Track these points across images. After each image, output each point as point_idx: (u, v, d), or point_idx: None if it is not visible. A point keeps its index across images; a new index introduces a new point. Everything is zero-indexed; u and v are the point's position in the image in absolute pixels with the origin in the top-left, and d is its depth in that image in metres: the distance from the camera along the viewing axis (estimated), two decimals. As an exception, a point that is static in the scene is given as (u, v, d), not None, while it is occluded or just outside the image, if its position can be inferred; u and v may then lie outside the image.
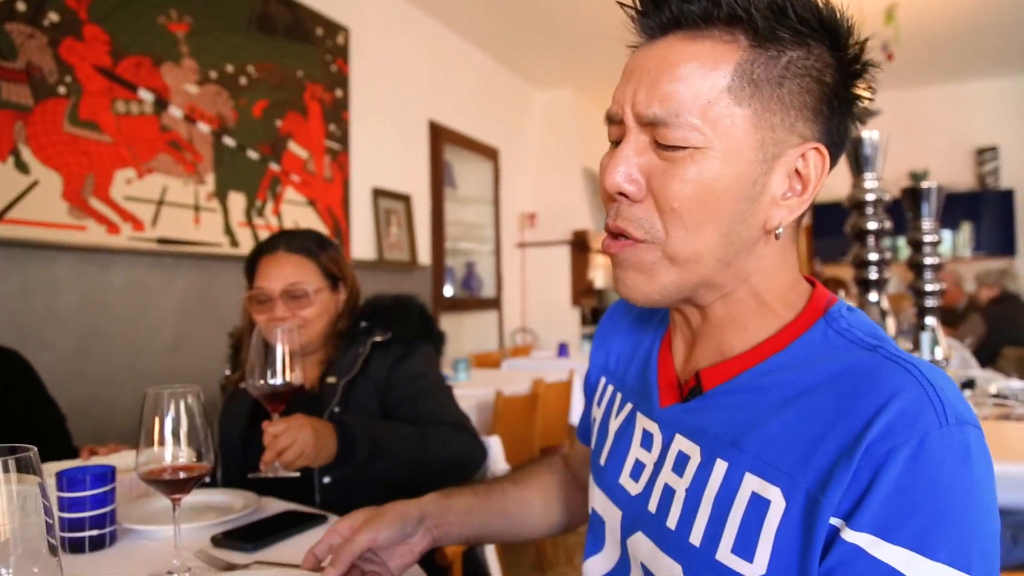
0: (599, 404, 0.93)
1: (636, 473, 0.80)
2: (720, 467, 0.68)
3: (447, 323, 5.01)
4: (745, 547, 0.64)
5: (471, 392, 3.12)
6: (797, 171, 0.68)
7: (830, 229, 6.58)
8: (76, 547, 1.10)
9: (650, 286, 0.70)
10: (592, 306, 6.72)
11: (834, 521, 0.59)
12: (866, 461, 0.58)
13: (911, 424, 0.58)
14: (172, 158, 3.00)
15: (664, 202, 0.67)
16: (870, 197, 2.53)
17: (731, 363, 0.72)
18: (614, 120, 0.71)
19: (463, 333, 5.28)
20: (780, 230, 0.69)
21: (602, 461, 0.87)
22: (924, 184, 2.54)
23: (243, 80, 3.36)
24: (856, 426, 0.60)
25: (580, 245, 6.20)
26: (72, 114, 2.62)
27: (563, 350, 4.86)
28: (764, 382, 0.69)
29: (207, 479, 1.58)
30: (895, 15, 4.30)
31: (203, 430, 1.01)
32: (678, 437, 0.74)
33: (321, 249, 1.63)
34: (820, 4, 0.67)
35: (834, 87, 0.68)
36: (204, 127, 3.15)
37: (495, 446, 1.78)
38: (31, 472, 0.57)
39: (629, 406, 0.85)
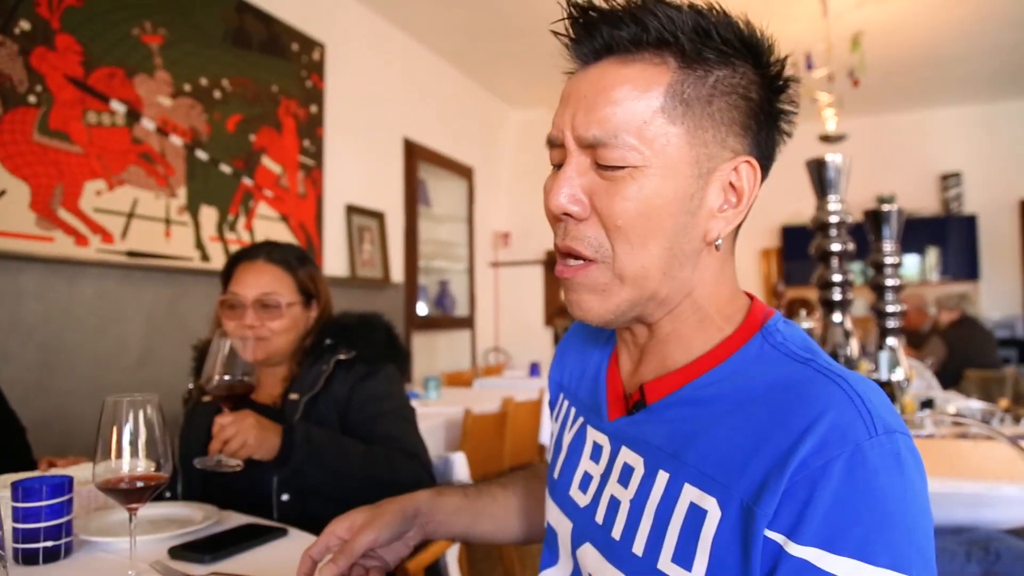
0: (556, 419, 0.96)
1: (584, 485, 0.82)
2: (662, 478, 0.70)
3: (420, 341, 5.00)
4: (684, 556, 0.66)
5: (440, 410, 3.12)
6: (731, 184, 0.71)
7: (799, 253, 6.68)
8: (30, 559, 1.09)
9: (604, 306, 0.73)
10: (565, 326, 6.74)
11: (773, 536, 0.61)
12: (803, 475, 0.60)
13: (842, 437, 0.60)
14: (144, 170, 2.99)
15: (609, 220, 0.69)
16: (833, 219, 2.59)
17: (673, 376, 0.74)
18: (555, 144, 0.74)
19: (436, 352, 5.28)
20: (720, 241, 0.72)
21: (556, 474, 0.90)
22: (885, 207, 2.60)
23: (217, 94, 3.37)
24: (788, 439, 0.62)
25: (553, 265, 6.21)
26: (42, 124, 2.61)
27: (535, 370, 4.88)
28: (704, 395, 0.71)
29: (167, 493, 1.58)
30: (860, 42, 4.42)
31: (162, 440, 1.01)
32: (624, 449, 0.76)
33: (300, 264, 1.64)
34: (741, 25, 0.70)
35: (759, 103, 0.71)
36: (177, 140, 3.15)
37: (459, 462, 1.78)
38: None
39: (580, 420, 0.87)
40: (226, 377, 1.37)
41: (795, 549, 0.60)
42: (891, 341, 2.63)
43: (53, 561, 1.10)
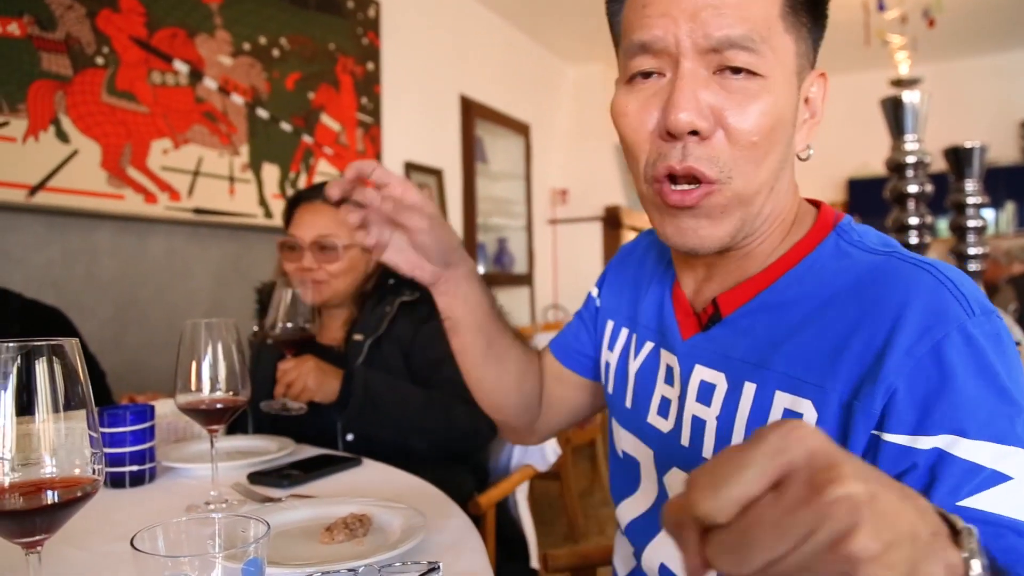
0: (611, 348, 0.93)
1: (663, 410, 0.80)
2: (749, 390, 0.68)
3: (479, 299, 5.01)
4: None
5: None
6: (807, 98, 0.72)
7: (866, 207, 6.46)
8: (117, 482, 1.13)
9: (718, 232, 0.68)
10: (624, 284, 6.67)
11: (897, 439, 0.58)
12: (912, 366, 0.58)
13: (942, 319, 0.58)
14: (207, 129, 3.03)
15: (743, 136, 0.65)
16: (911, 160, 2.47)
17: (747, 284, 0.72)
18: (653, 50, 0.66)
19: (495, 309, 5.28)
20: (811, 150, 0.73)
21: (627, 403, 0.87)
22: (967, 143, 2.48)
23: (276, 52, 3.38)
24: (883, 329, 0.60)
25: (612, 221, 6.16)
26: (110, 84, 2.66)
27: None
28: (783, 298, 0.69)
29: (238, 432, 1.61)
30: (937, -21, 4.19)
31: (240, 363, 1.02)
32: (698, 367, 0.74)
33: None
34: None
35: (818, 14, 0.71)
36: (238, 99, 3.18)
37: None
38: (68, 359, 0.58)
39: (650, 344, 0.84)
40: (288, 325, 1.39)
41: (923, 442, 0.57)
42: (972, 284, 2.52)
43: (138, 485, 1.14)
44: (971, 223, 2.52)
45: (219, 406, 1.00)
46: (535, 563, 1.69)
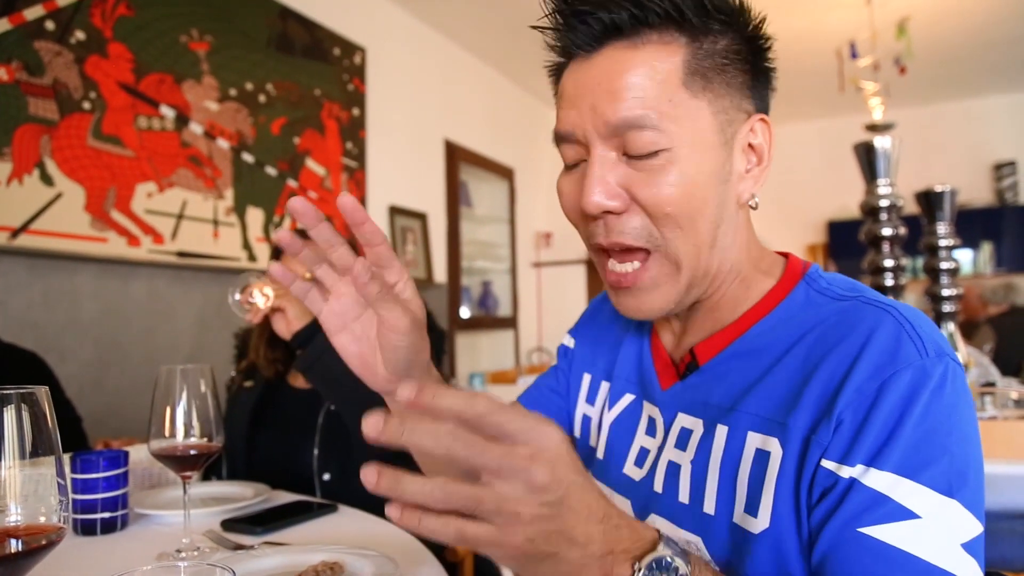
0: (589, 402, 0.93)
1: (640, 460, 0.80)
2: (721, 432, 0.70)
3: (463, 341, 5.01)
4: (753, 504, 0.65)
5: (486, 403, 3.11)
6: (750, 144, 0.73)
7: (846, 249, 6.54)
8: (88, 529, 1.12)
9: (665, 299, 0.72)
10: (609, 325, 6.69)
11: (827, 464, 0.61)
12: (853, 399, 0.61)
13: (893, 359, 0.61)
14: (192, 173, 3.06)
15: (656, 209, 0.68)
16: (884, 203, 2.52)
17: (722, 334, 0.75)
18: (568, 140, 0.72)
19: (479, 351, 5.28)
20: (755, 200, 0.74)
21: (600, 455, 0.87)
22: (938, 187, 2.53)
23: (262, 98, 3.43)
24: (841, 366, 0.63)
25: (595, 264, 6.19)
26: (96, 129, 2.68)
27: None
28: (756, 344, 0.71)
29: (212, 476, 1.60)
30: (907, 28, 4.31)
31: (214, 409, 1.03)
32: (680, 415, 0.76)
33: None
34: None
35: (755, 62, 0.73)
36: (224, 143, 3.21)
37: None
38: (38, 406, 0.59)
39: (630, 396, 0.85)
40: None
41: (845, 471, 0.60)
42: (948, 326, 2.55)
43: (110, 532, 1.13)
44: (944, 265, 2.56)
45: (192, 452, 1.00)
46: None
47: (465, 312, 5.14)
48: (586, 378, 0.94)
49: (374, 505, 1.18)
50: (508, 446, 0.47)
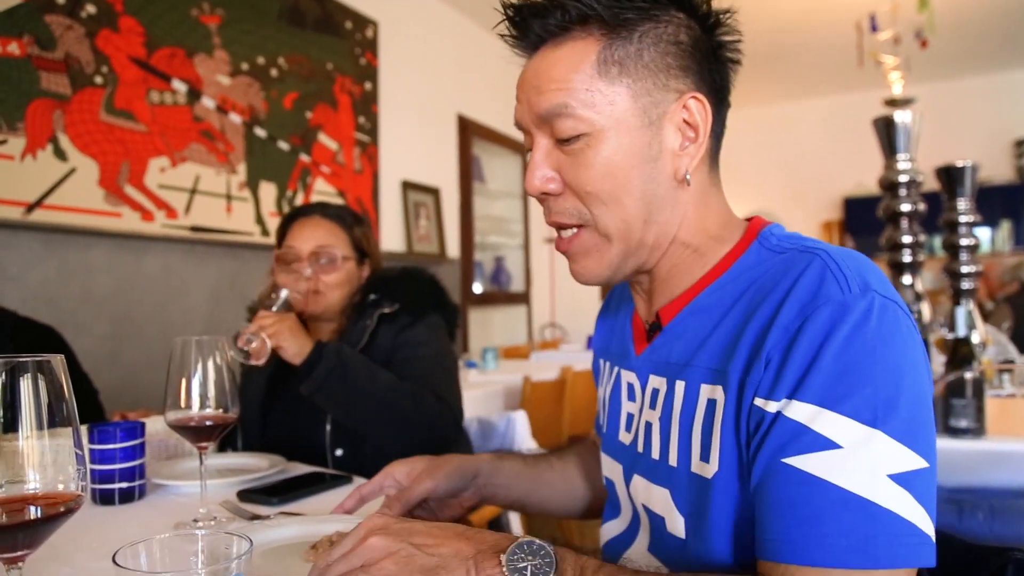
0: (602, 383, 0.99)
1: (628, 425, 0.86)
2: (679, 387, 0.75)
3: (476, 317, 5.02)
4: (706, 451, 0.70)
5: (499, 378, 3.12)
6: (685, 121, 0.75)
7: (862, 226, 6.48)
8: (106, 499, 1.12)
9: (600, 265, 0.78)
10: (622, 302, 6.68)
11: (757, 401, 0.65)
12: (780, 337, 0.64)
13: (815, 296, 0.64)
14: (205, 148, 3.05)
15: (579, 189, 0.75)
16: (903, 178, 2.48)
17: (682, 296, 0.80)
18: (520, 129, 0.81)
19: (492, 327, 5.29)
20: (688, 176, 0.76)
21: (604, 428, 0.94)
22: (959, 162, 2.49)
23: (274, 72, 3.41)
24: (769, 310, 0.67)
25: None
26: (108, 103, 2.68)
27: (592, 342, 4.85)
28: (708, 302, 0.76)
29: (228, 448, 1.61)
30: (929, 2, 4.23)
31: (229, 381, 1.02)
32: (651, 377, 0.81)
33: (355, 222, 1.65)
34: None
35: (692, 42, 0.76)
36: (236, 118, 3.20)
37: (521, 420, 1.78)
38: (54, 375, 0.59)
39: (616, 370, 0.91)
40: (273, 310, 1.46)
41: (771, 406, 0.63)
42: (965, 302, 2.52)
43: (128, 502, 1.14)
44: (963, 241, 2.53)
45: (208, 423, 1.00)
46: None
47: (478, 287, 5.14)
48: (603, 364, 1.00)
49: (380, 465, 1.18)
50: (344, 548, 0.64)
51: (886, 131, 2.48)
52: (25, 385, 0.58)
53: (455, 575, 0.62)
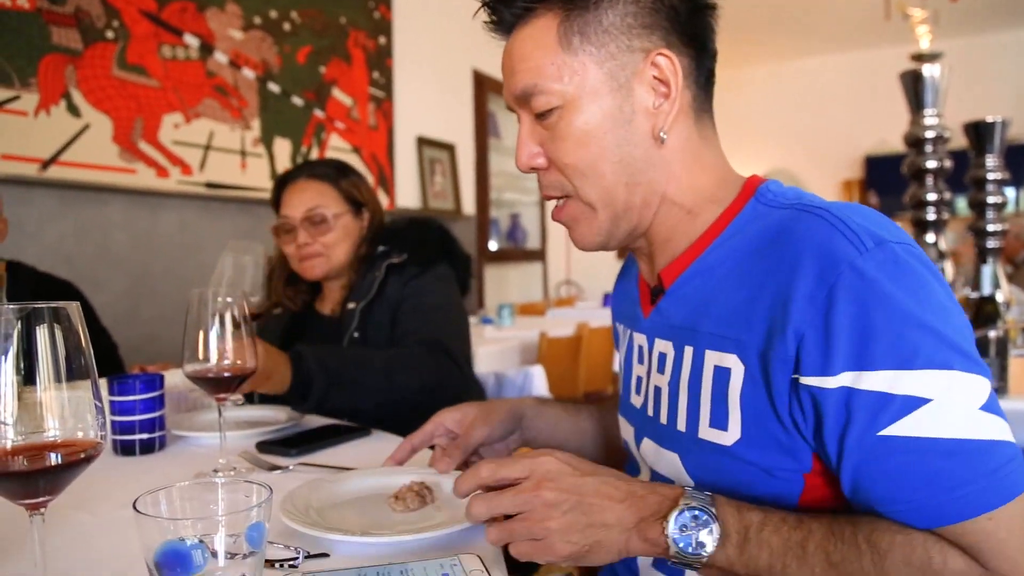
0: (619, 347, 1.00)
1: (638, 388, 0.86)
2: (687, 353, 0.74)
3: (492, 274, 5.01)
4: (718, 418, 0.70)
5: (515, 334, 3.12)
6: (656, 78, 0.75)
7: (883, 184, 6.38)
8: (127, 449, 1.13)
9: (591, 232, 0.79)
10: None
11: (808, 381, 0.62)
12: (808, 310, 0.62)
13: (833, 261, 0.62)
14: (218, 103, 3.03)
15: (559, 162, 0.77)
16: (929, 135, 2.42)
17: (681, 258, 0.79)
18: (508, 106, 0.83)
19: (508, 284, 5.28)
20: (664, 133, 0.75)
21: (620, 391, 0.95)
22: (989, 118, 2.42)
23: (287, 26, 3.36)
24: (784, 277, 0.65)
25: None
26: (120, 58, 2.65)
27: (608, 300, 4.83)
28: (709, 263, 0.75)
29: (242, 399, 1.62)
30: (960, -51, 4.09)
31: (247, 332, 1.02)
32: (657, 340, 0.81)
33: (341, 175, 1.62)
34: None
35: (652, 1, 0.75)
36: (249, 73, 3.17)
37: (538, 375, 1.77)
38: (71, 323, 0.58)
39: (628, 332, 0.92)
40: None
41: (830, 381, 0.61)
42: (991, 262, 2.47)
43: (148, 453, 1.15)
44: (991, 199, 2.47)
45: (226, 375, 1.00)
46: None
47: (494, 244, 5.12)
48: (618, 327, 1.00)
49: (402, 431, 1.18)
50: (517, 487, 0.66)
51: (913, 85, 2.42)
52: (42, 333, 0.58)
53: (612, 546, 0.65)
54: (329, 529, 0.76)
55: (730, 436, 0.68)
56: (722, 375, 0.69)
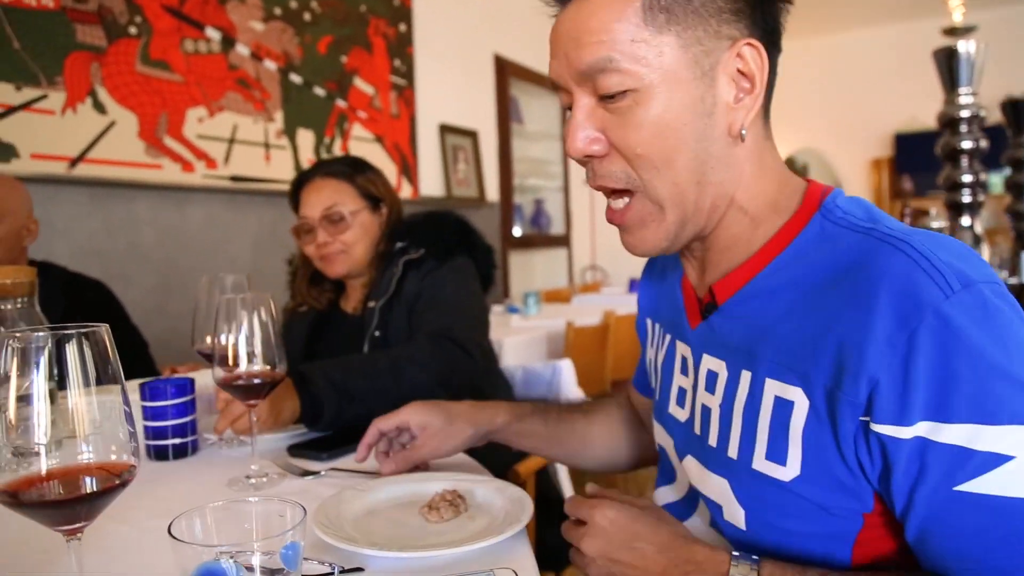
0: (652, 345, 0.96)
1: (681, 400, 0.83)
2: (745, 378, 0.70)
3: (516, 260, 5.00)
4: (777, 451, 0.66)
5: (541, 323, 3.11)
6: (740, 71, 0.69)
7: (913, 162, 6.26)
8: (160, 454, 1.14)
9: (656, 236, 0.72)
10: (663, 244, 6.60)
11: (881, 429, 0.58)
12: (886, 355, 0.57)
13: (917, 304, 0.57)
14: (241, 96, 3.03)
15: (628, 151, 0.69)
16: (965, 114, 2.36)
17: (738, 272, 0.73)
18: (559, 88, 0.73)
19: (533, 270, 5.27)
20: (744, 131, 0.69)
21: (657, 396, 0.91)
22: (1027, 95, 2.36)
23: (307, 16, 3.35)
24: (860, 315, 0.59)
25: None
26: (144, 54, 2.66)
27: (634, 285, 4.80)
28: (770, 284, 0.70)
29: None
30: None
31: (276, 338, 1.02)
32: (705, 356, 0.76)
33: (356, 171, 1.61)
34: None
35: None
36: (271, 64, 3.17)
37: (567, 369, 1.76)
38: (105, 351, 0.57)
39: (668, 337, 0.88)
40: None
41: (905, 432, 0.57)
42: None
43: (181, 457, 1.15)
44: (1029, 179, 2.41)
45: (257, 381, 1.00)
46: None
47: (518, 231, 5.11)
48: (648, 323, 0.97)
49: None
50: (576, 527, 0.75)
51: (947, 63, 2.35)
52: (72, 352, 0.57)
53: None
54: (364, 544, 0.75)
55: (788, 471, 0.65)
56: (783, 407, 0.65)
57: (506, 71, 4.84)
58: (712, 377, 0.74)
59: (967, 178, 2.46)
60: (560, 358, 2.89)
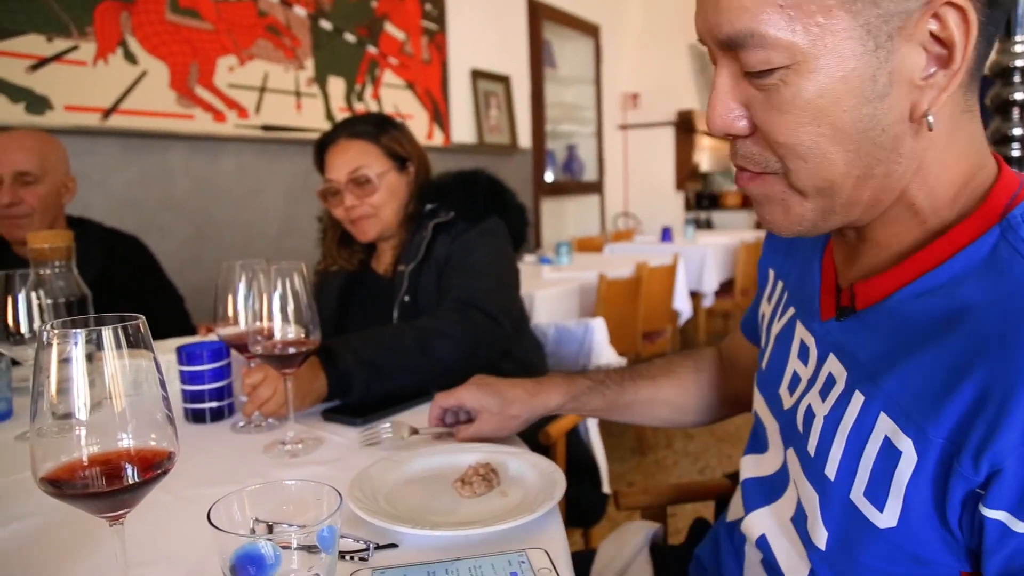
0: (769, 300, 0.87)
1: (793, 386, 0.75)
2: (857, 399, 0.62)
3: (548, 207, 4.96)
4: (876, 494, 0.59)
5: (574, 275, 3.10)
6: (935, 36, 0.53)
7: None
8: (198, 417, 1.16)
9: (788, 218, 0.62)
10: (697, 190, 6.49)
11: (993, 514, 0.51)
12: (1017, 446, 0.49)
13: None
14: (271, 44, 3.00)
15: (770, 137, 0.58)
16: (1019, 63, 2.25)
17: (886, 276, 0.63)
18: (703, 43, 0.62)
19: (565, 217, 5.23)
20: (931, 117, 0.55)
21: (763, 364, 0.83)
22: (1088, 41, 2.24)
23: (336, -41, 3.28)
24: (1001, 382, 0.50)
25: (685, 126, 5.93)
26: (172, 2, 2.63)
27: (667, 234, 4.75)
28: (915, 306, 0.59)
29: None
30: None
31: (309, 306, 1.02)
32: (831, 357, 0.67)
33: (381, 130, 1.58)
34: None
35: None
36: (300, 10, 3.12)
37: (599, 328, 1.75)
38: (140, 343, 0.58)
39: (791, 311, 0.78)
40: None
41: (1020, 527, 0.50)
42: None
43: (218, 420, 1.17)
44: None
45: (291, 350, 1.00)
46: (607, 488, 1.70)
47: (549, 177, 5.05)
48: (771, 274, 0.88)
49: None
50: None
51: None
52: (109, 338, 0.57)
53: None
54: (398, 521, 0.76)
55: (885, 520, 0.58)
56: (891, 452, 0.57)
57: (539, 14, 4.72)
58: (830, 383, 0.66)
59: (1018, 131, 2.35)
60: (592, 312, 2.90)
